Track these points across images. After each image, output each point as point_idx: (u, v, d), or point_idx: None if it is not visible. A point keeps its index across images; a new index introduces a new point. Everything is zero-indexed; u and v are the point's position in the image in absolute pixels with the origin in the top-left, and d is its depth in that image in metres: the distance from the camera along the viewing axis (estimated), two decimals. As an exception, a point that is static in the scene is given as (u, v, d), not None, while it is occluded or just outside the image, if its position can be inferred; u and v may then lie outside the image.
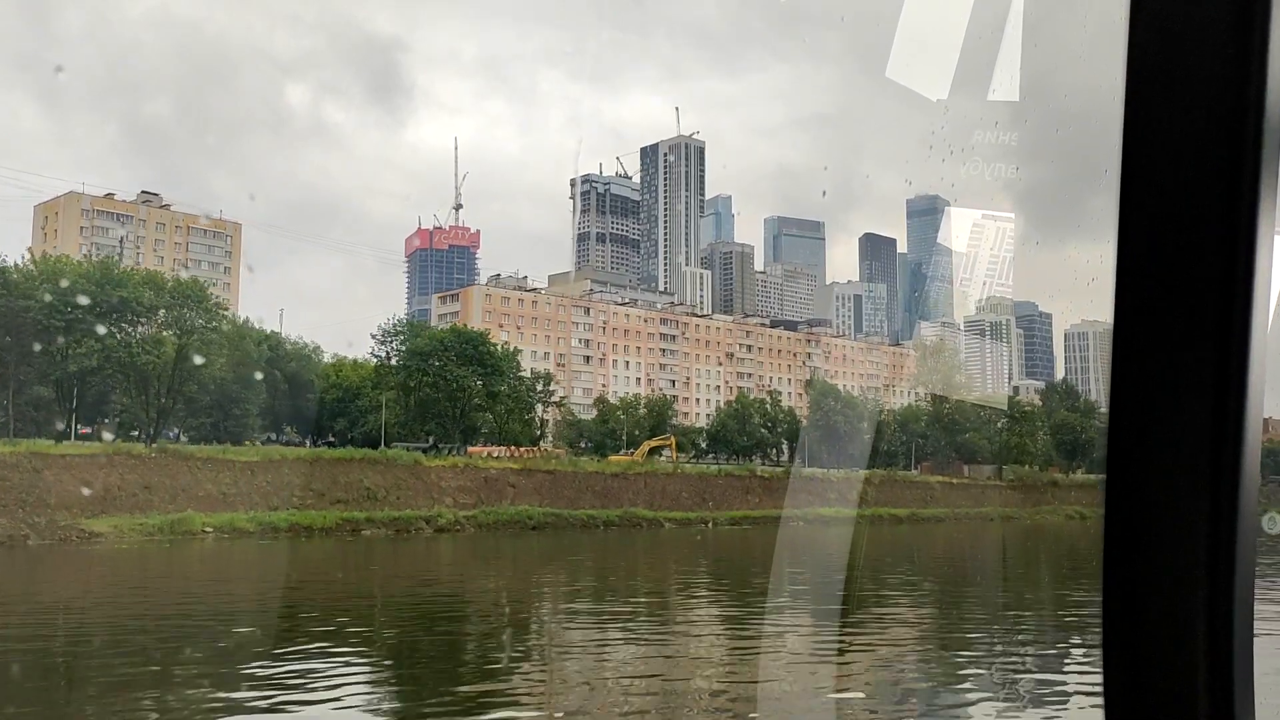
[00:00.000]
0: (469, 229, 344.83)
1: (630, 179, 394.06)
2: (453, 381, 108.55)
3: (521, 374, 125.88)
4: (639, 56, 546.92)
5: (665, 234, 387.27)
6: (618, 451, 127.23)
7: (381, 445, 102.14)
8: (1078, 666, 26.30)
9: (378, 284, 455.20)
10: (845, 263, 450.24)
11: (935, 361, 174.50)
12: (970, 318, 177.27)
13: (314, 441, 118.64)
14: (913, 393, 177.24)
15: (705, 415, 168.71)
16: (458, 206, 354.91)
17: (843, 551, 56.39)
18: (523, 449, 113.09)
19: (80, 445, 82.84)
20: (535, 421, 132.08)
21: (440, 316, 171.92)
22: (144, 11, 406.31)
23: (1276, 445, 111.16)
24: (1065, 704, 22.31)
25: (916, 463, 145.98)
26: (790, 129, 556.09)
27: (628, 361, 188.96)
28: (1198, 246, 1.82)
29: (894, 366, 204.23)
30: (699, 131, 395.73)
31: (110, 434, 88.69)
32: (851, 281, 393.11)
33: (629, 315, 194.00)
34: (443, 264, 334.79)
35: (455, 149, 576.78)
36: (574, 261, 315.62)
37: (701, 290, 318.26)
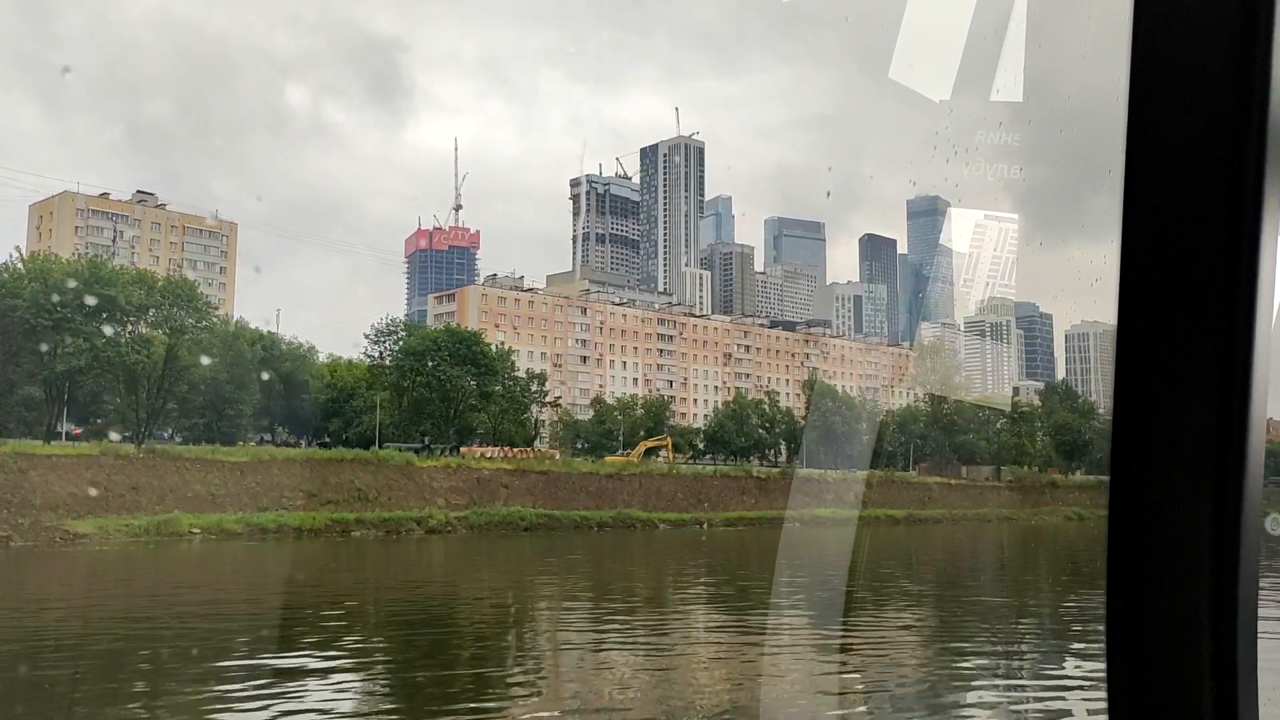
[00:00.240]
0: (469, 229, 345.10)
1: (630, 179, 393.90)
2: (446, 382, 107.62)
3: (516, 374, 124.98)
4: (639, 57, 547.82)
5: (665, 234, 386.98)
6: (614, 452, 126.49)
7: (375, 446, 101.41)
8: (1078, 672, 25.71)
9: (378, 284, 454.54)
10: (846, 263, 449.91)
11: (934, 362, 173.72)
12: (970, 318, 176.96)
13: (309, 442, 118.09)
14: (911, 393, 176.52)
15: (703, 416, 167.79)
16: (458, 207, 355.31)
17: (842, 552, 55.47)
18: (517, 449, 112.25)
19: (68, 445, 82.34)
20: (530, 422, 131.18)
21: (437, 316, 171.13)
22: (144, 11, 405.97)
23: None
24: (1065, 704, 21.94)
25: (915, 463, 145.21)
26: (791, 129, 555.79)
27: (625, 362, 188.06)
28: (1201, 247, 1.83)
29: (893, 367, 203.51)
30: (699, 132, 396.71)
31: (99, 434, 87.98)
32: (852, 282, 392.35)
33: (626, 315, 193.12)
34: (443, 264, 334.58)
35: (455, 149, 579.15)
36: (575, 262, 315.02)
37: (701, 291, 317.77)
